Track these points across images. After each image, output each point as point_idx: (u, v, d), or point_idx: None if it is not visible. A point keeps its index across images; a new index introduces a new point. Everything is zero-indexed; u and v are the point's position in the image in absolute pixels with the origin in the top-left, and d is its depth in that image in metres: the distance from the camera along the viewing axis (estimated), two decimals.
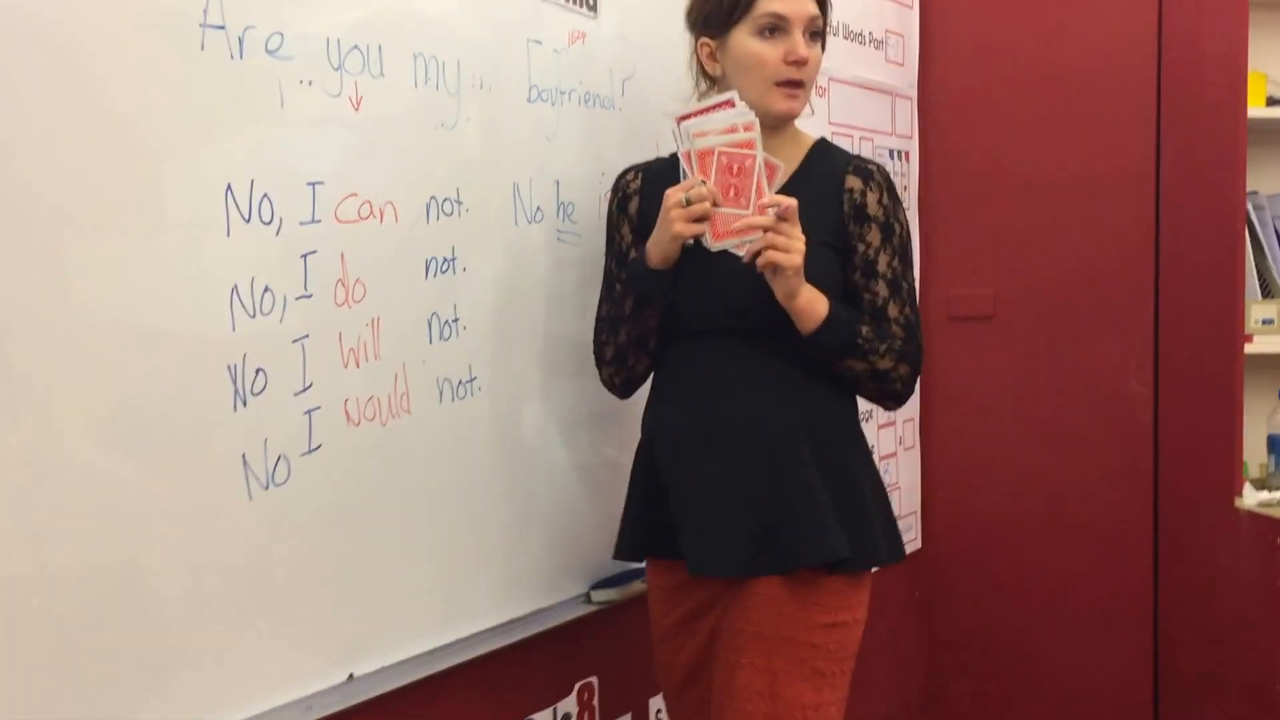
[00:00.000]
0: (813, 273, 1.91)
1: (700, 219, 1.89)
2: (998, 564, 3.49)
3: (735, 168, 1.90)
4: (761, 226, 1.85)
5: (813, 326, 1.91)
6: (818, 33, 2.02)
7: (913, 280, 2.04)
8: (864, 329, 1.94)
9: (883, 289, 1.98)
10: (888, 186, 2.02)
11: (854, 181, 2.00)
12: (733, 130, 1.90)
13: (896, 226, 2.01)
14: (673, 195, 1.90)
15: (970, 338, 3.49)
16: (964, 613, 3.54)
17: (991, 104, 3.45)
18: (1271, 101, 2.97)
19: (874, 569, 2.01)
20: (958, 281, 3.47)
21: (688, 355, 2.03)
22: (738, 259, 1.89)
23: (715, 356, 2.00)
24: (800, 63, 1.97)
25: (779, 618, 1.93)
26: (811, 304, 1.90)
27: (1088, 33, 3.33)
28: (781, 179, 1.95)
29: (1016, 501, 3.46)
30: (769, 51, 1.97)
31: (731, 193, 1.90)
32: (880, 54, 3.28)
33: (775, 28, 1.98)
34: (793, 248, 1.85)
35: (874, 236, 1.99)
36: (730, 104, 1.91)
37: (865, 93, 3.18)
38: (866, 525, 1.97)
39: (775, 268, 1.86)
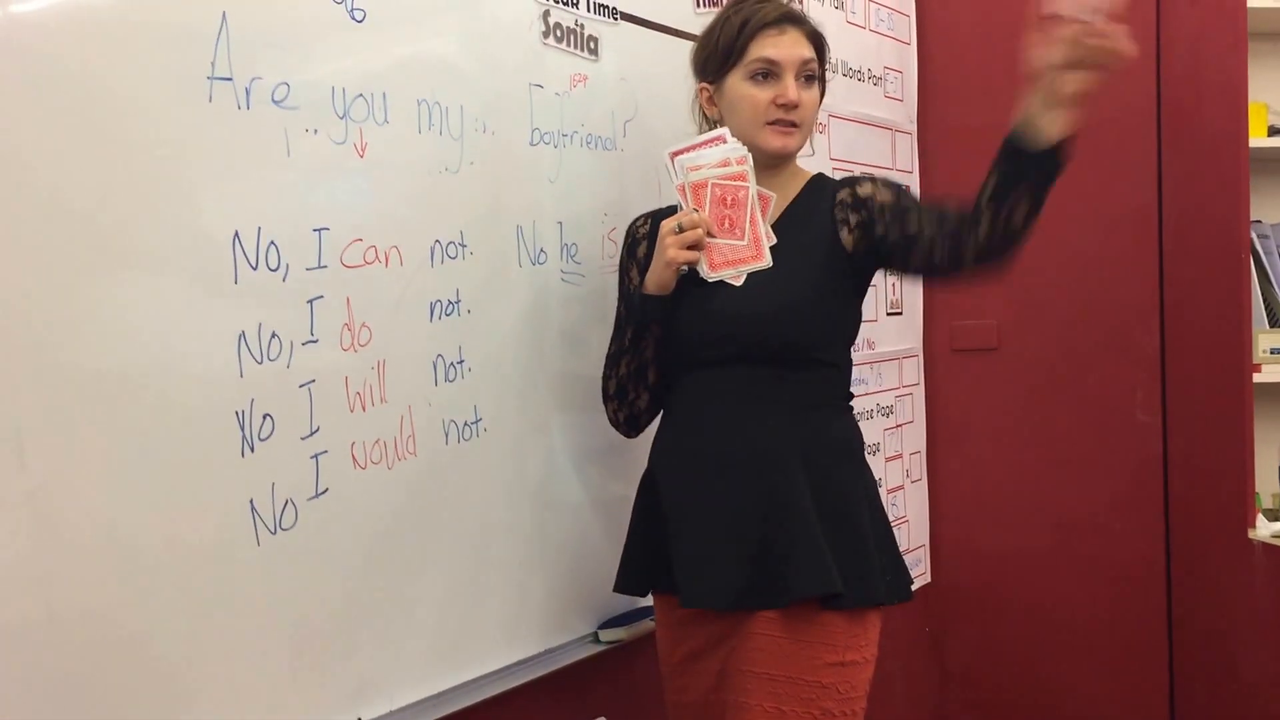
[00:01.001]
0: (814, 291, 1.96)
1: (694, 246, 1.93)
2: (1008, 596, 3.48)
3: (729, 199, 1.95)
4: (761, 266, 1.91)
5: (1062, 135, 1.80)
6: (813, 75, 2.04)
7: None
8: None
9: (923, 204, 2.01)
10: (877, 177, 2.06)
11: (842, 194, 2.03)
12: (725, 164, 1.96)
13: (903, 190, 2.03)
14: (667, 223, 1.96)
15: (975, 369, 3.49)
16: (975, 646, 3.53)
17: (991, 137, 3.41)
18: (1273, 131, 2.98)
19: (879, 606, 1.99)
20: (961, 313, 3.47)
21: (689, 386, 2.03)
22: (735, 289, 1.95)
23: (715, 387, 2.00)
24: (790, 105, 2.00)
25: (785, 658, 1.91)
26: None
27: None
28: (776, 211, 2.00)
29: (1025, 533, 3.45)
30: (760, 94, 2.01)
31: (726, 224, 1.96)
32: (879, 90, 3.31)
33: (767, 72, 2.01)
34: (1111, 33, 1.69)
35: (882, 196, 2.00)
36: (722, 139, 1.97)
37: (865, 128, 3.21)
38: (865, 562, 1.95)
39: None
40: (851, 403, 2.09)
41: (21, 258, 1.39)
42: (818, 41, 2.06)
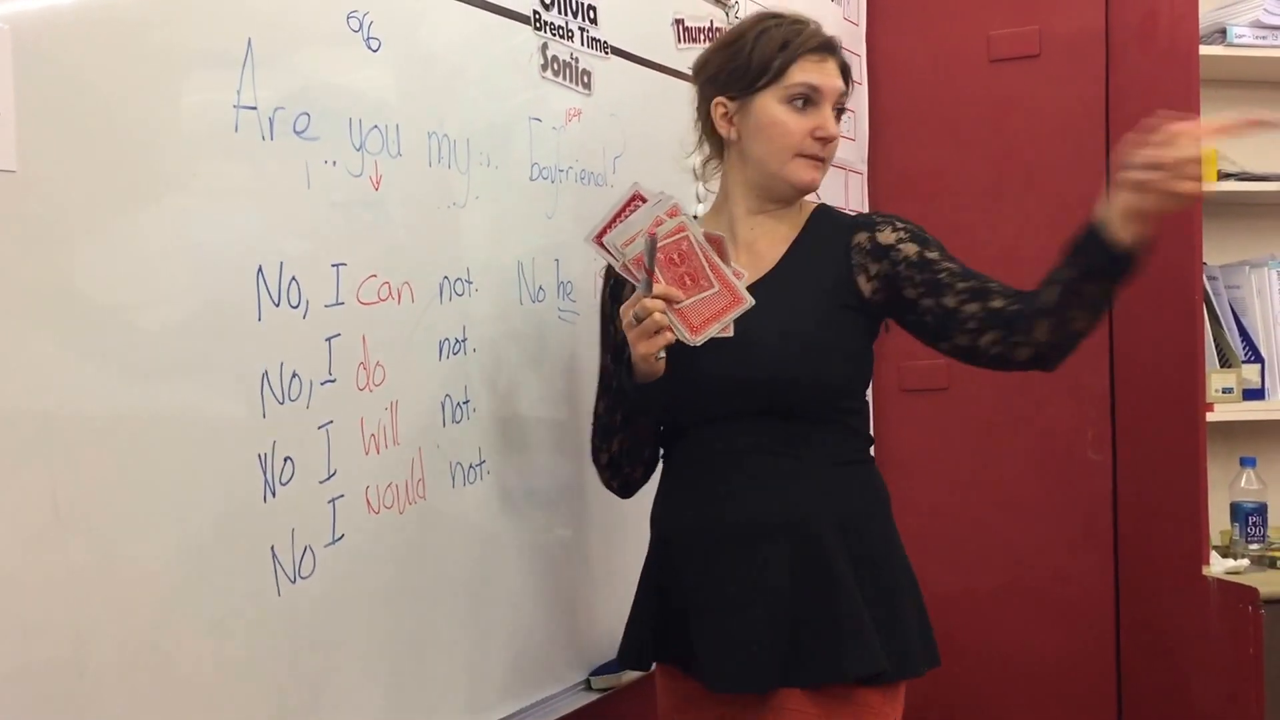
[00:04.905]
0: (827, 325, 1.84)
1: (659, 330, 1.73)
2: (957, 636, 3.44)
3: (677, 257, 1.77)
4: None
5: (1134, 243, 1.70)
6: (842, 110, 1.92)
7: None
8: None
9: (955, 265, 1.84)
10: (896, 219, 1.90)
11: (860, 237, 1.88)
12: (658, 223, 1.77)
13: (927, 236, 1.89)
14: (624, 317, 1.76)
15: (925, 409, 3.50)
16: (924, 685, 3.48)
17: (940, 176, 3.49)
18: (1222, 175, 3.05)
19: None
20: (911, 353, 3.40)
21: (700, 443, 1.87)
22: (730, 340, 1.77)
23: (731, 444, 1.84)
24: (828, 139, 1.87)
25: None
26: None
27: (1035, 104, 3.40)
28: (782, 245, 1.89)
29: (975, 573, 3.45)
30: (797, 123, 1.85)
31: (687, 281, 1.77)
32: None
33: (807, 99, 1.86)
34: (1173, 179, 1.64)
35: (907, 249, 1.86)
36: (640, 198, 1.80)
37: None
38: (903, 631, 1.83)
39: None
40: (871, 449, 1.97)
41: (45, 292, 1.31)
42: (847, 76, 1.92)
